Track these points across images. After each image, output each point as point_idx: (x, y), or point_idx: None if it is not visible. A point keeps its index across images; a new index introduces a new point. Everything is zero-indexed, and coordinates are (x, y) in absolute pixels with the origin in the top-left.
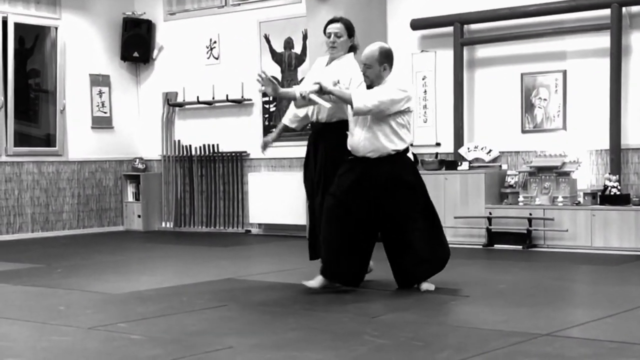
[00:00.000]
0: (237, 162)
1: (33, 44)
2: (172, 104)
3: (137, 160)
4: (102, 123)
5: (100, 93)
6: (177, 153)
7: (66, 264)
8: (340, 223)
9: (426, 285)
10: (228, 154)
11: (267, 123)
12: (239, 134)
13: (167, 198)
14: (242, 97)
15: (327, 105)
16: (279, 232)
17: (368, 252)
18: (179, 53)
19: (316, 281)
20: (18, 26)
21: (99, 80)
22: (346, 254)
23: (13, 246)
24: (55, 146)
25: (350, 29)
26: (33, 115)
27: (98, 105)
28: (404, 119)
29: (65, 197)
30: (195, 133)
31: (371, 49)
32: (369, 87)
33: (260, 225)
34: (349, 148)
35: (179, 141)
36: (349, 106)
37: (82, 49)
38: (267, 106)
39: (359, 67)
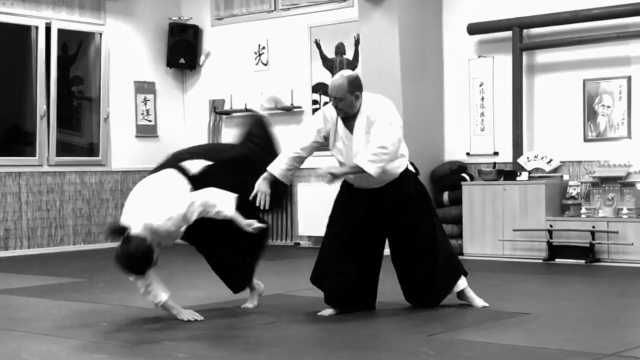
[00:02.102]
0: None
1: (77, 51)
2: (219, 112)
3: None
4: (147, 132)
5: (145, 101)
6: None
7: (109, 278)
8: (348, 249)
9: (480, 301)
10: None
11: None
12: (288, 142)
13: None
14: (292, 104)
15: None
16: None
17: (377, 275)
18: (226, 59)
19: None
20: (62, 32)
21: (144, 88)
22: (358, 281)
23: (54, 259)
24: (98, 155)
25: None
26: (76, 123)
27: (143, 113)
28: None
29: (108, 209)
30: None
31: (339, 82)
32: (344, 119)
33: (309, 237)
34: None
35: None
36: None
37: (127, 56)
38: None
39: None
